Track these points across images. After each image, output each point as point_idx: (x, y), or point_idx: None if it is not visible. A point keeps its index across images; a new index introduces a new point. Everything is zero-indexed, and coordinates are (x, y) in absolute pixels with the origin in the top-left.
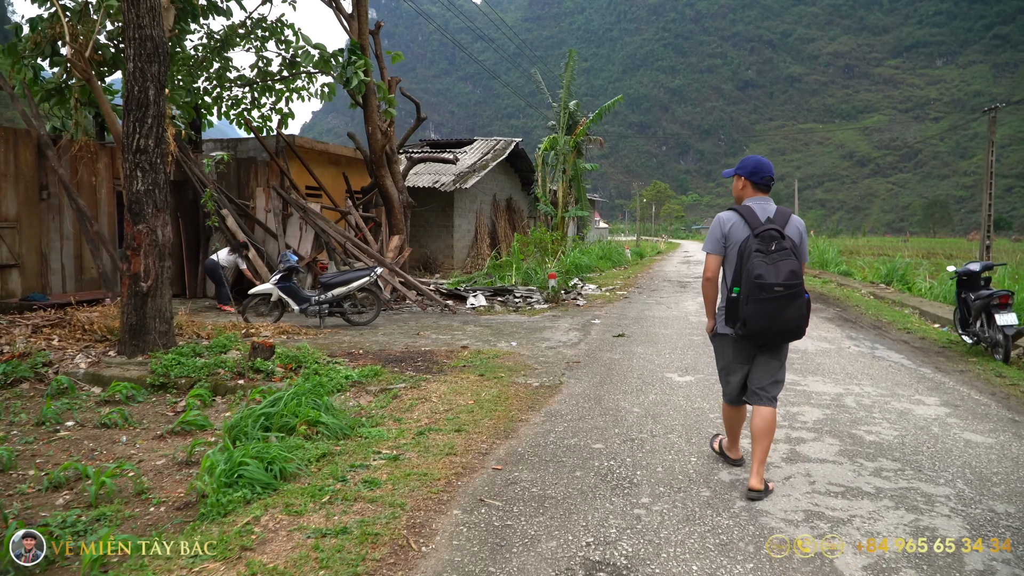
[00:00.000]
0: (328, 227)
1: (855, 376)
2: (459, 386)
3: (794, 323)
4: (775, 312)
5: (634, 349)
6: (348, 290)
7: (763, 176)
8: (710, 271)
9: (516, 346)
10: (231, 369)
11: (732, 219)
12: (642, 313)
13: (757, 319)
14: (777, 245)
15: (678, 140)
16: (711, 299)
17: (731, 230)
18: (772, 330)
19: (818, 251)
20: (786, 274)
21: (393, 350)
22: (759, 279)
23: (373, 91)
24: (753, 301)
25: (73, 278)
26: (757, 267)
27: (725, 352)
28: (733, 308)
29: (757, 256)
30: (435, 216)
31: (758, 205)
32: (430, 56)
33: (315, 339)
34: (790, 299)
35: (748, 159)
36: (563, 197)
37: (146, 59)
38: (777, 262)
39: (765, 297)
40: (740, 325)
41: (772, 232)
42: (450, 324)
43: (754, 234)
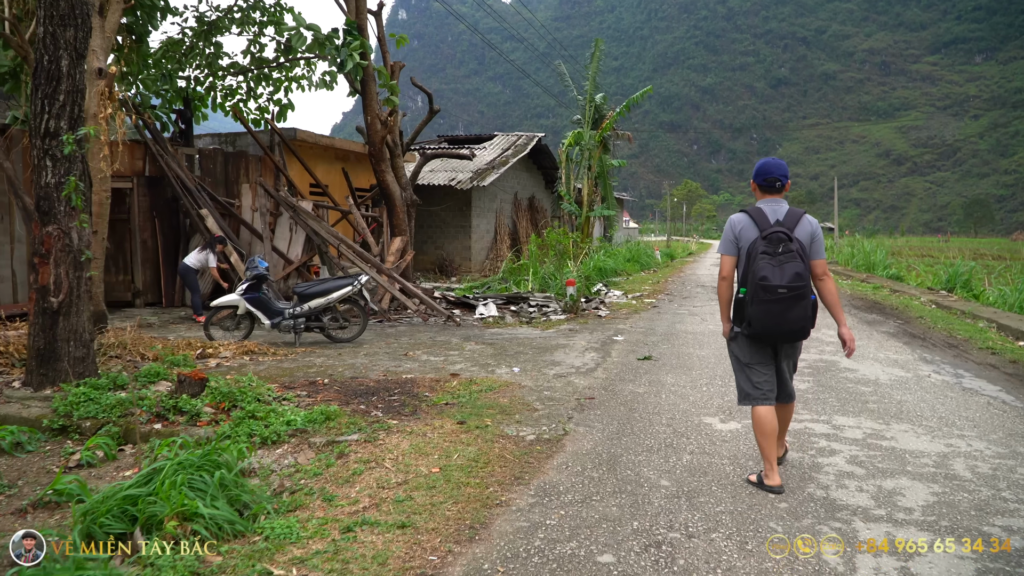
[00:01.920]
0: (320, 228)
1: (952, 422)
2: (427, 440)
3: (798, 324)
4: (779, 313)
5: (663, 378)
6: (327, 301)
7: (766, 178)
8: (725, 271)
9: (518, 373)
10: (149, 409)
11: (743, 221)
12: (672, 327)
13: (762, 320)
14: (784, 247)
15: (709, 139)
16: (726, 300)
17: (741, 231)
18: (777, 331)
19: (864, 253)
20: (791, 276)
21: (368, 378)
22: (764, 281)
23: (372, 76)
24: (758, 302)
25: (26, 286)
26: (762, 269)
27: (743, 352)
28: (740, 308)
29: (764, 258)
30: (452, 216)
31: (768, 207)
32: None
33: (281, 362)
34: (794, 301)
35: (759, 163)
36: (588, 195)
37: (59, 22)
38: (783, 264)
39: (769, 298)
40: (746, 325)
41: (780, 234)
42: (448, 340)
43: (762, 236)
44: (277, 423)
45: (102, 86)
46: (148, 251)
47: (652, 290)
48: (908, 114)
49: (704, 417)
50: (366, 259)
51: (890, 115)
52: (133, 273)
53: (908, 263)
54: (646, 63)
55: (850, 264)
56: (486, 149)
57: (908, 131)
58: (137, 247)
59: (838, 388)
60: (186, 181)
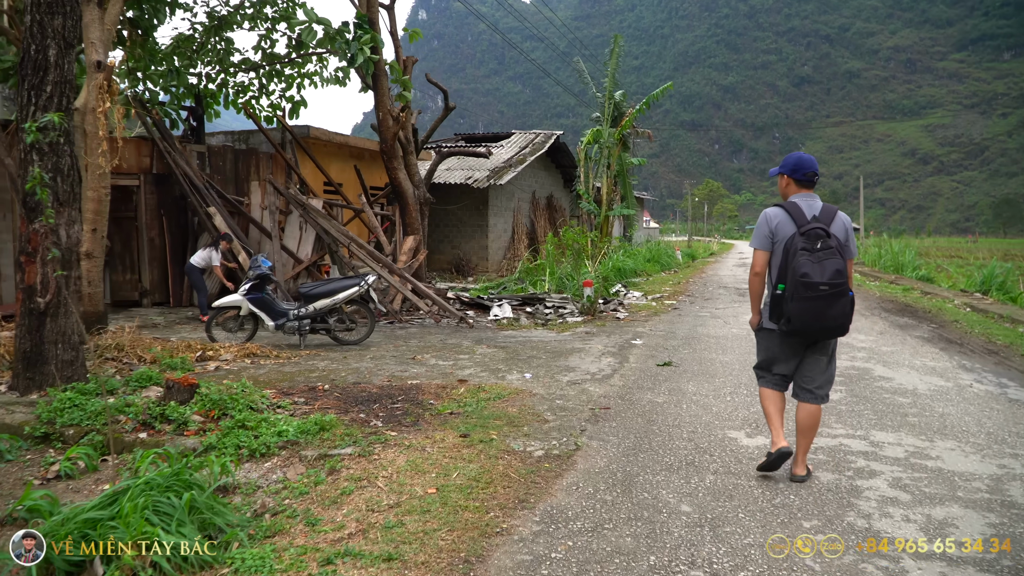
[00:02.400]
0: (331, 226)
1: (1002, 439)
2: (426, 456)
3: (838, 320)
4: (820, 310)
5: (684, 386)
6: (333, 302)
7: (805, 172)
8: (758, 266)
9: (530, 379)
10: (136, 416)
11: (779, 215)
12: (694, 330)
13: (802, 316)
14: (823, 244)
15: (731, 138)
16: (758, 294)
17: (778, 226)
18: (816, 327)
19: (892, 253)
20: (831, 273)
21: (372, 383)
22: (805, 277)
23: (383, 72)
24: (798, 299)
25: None
26: (803, 265)
27: (771, 347)
28: (778, 304)
29: (803, 254)
30: (468, 215)
31: (804, 202)
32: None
33: (283, 365)
34: (835, 298)
35: (790, 156)
36: (607, 194)
37: (46, 9)
38: (823, 260)
39: (810, 295)
40: (785, 321)
41: (818, 230)
42: (459, 343)
43: (800, 232)
44: (268, 434)
45: (100, 79)
46: (155, 250)
47: (673, 291)
48: (934, 112)
49: (729, 431)
50: (377, 258)
51: (916, 113)
52: (140, 272)
53: (937, 264)
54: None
55: (877, 265)
56: (503, 147)
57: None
58: (144, 246)
59: (874, 399)
60: (193, 178)
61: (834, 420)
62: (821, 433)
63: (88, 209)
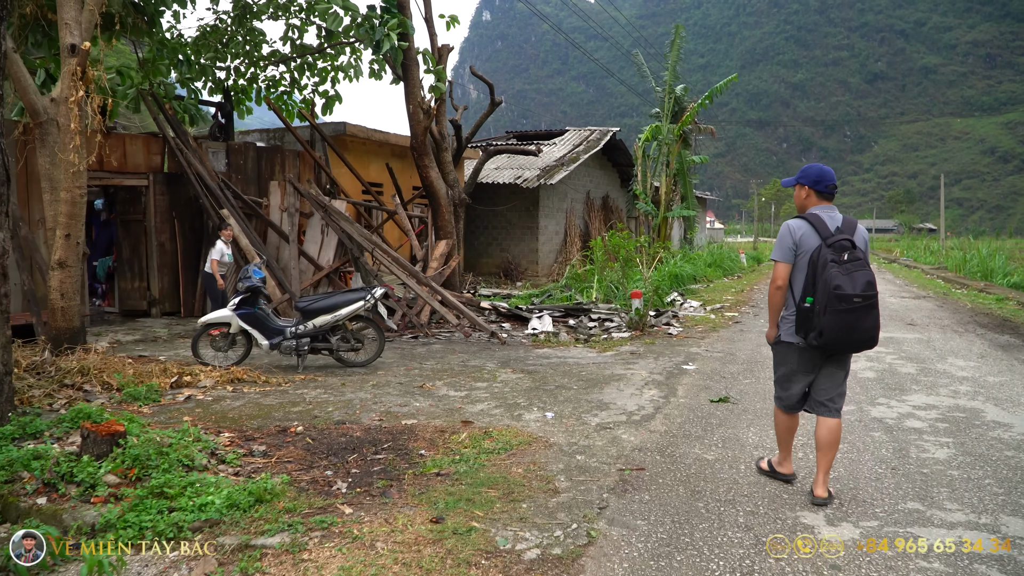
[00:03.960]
0: (353, 230)
1: None
2: (371, 559)
3: (870, 333)
4: (853, 323)
5: (743, 434)
6: (335, 319)
7: (827, 184)
8: (780, 279)
9: (551, 420)
10: (41, 474)
11: (802, 227)
12: (758, 351)
13: (835, 330)
14: (850, 255)
15: (800, 137)
16: (778, 308)
17: (802, 239)
18: (849, 340)
19: (980, 258)
20: (863, 284)
21: (359, 423)
22: (838, 290)
23: (414, 60)
24: (832, 312)
25: (20, 295)
26: (835, 278)
27: (789, 361)
28: (806, 318)
29: (832, 266)
30: (518, 216)
31: (825, 214)
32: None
33: (265, 395)
34: (868, 310)
35: (810, 168)
36: (666, 194)
37: None
38: (852, 272)
39: (844, 308)
40: (816, 335)
41: (844, 242)
42: (483, 366)
43: (826, 244)
44: (187, 507)
45: (74, 65)
46: (166, 255)
47: (735, 301)
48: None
49: (801, 512)
50: (403, 266)
51: (995, 110)
52: (149, 279)
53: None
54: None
55: (962, 271)
56: (556, 145)
57: (1015, 127)
58: (153, 251)
59: (994, 459)
60: (206, 178)
61: (945, 495)
62: (932, 520)
63: (62, 212)
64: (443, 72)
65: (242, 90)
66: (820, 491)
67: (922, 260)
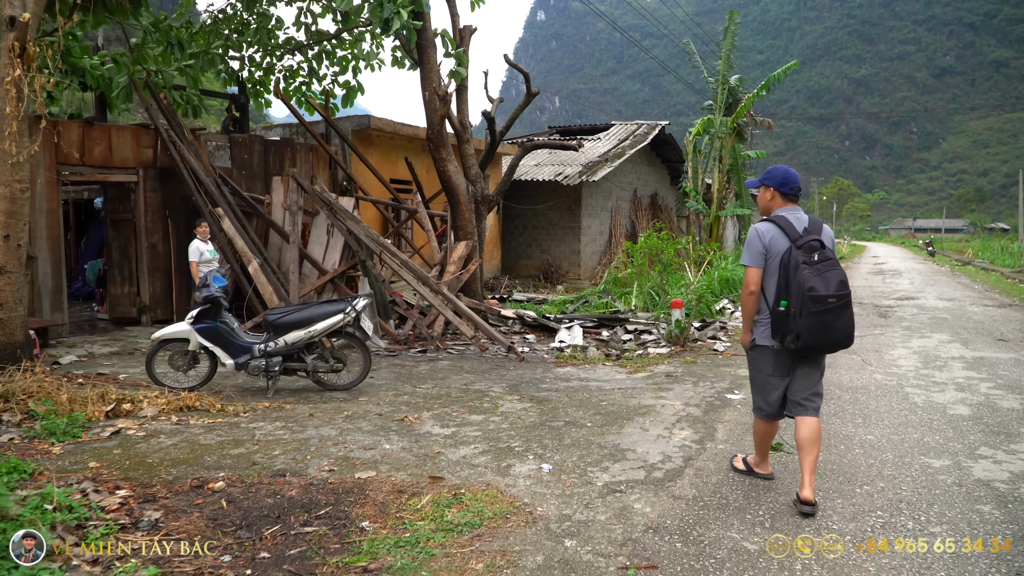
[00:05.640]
0: (360, 230)
1: None
2: None
3: (846, 332)
4: (829, 323)
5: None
6: (309, 335)
7: (792, 187)
8: (753, 284)
9: (547, 475)
10: None
11: (771, 230)
12: None
13: (811, 332)
14: (820, 255)
15: (863, 134)
16: (752, 313)
17: (771, 242)
18: (826, 341)
19: None
20: (836, 284)
21: (301, 476)
22: (812, 291)
23: (431, 42)
24: (807, 314)
25: None
26: (808, 279)
27: (764, 365)
28: (781, 322)
29: (804, 268)
30: (559, 216)
31: (792, 215)
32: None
33: (208, 431)
34: (842, 309)
35: (775, 169)
36: (718, 192)
37: None
38: (824, 273)
39: (819, 309)
40: (793, 338)
41: (813, 242)
42: (487, 390)
43: (796, 245)
44: None
45: (11, 40)
46: (158, 258)
47: None
48: None
49: None
50: (413, 270)
51: None
52: (139, 284)
53: None
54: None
55: None
56: (600, 140)
57: None
58: (143, 253)
59: None
60: (199, 173)
61: None
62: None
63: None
64: (464, 55)
65: (259, 82)
66: (807, 493)
67: (999, 262)
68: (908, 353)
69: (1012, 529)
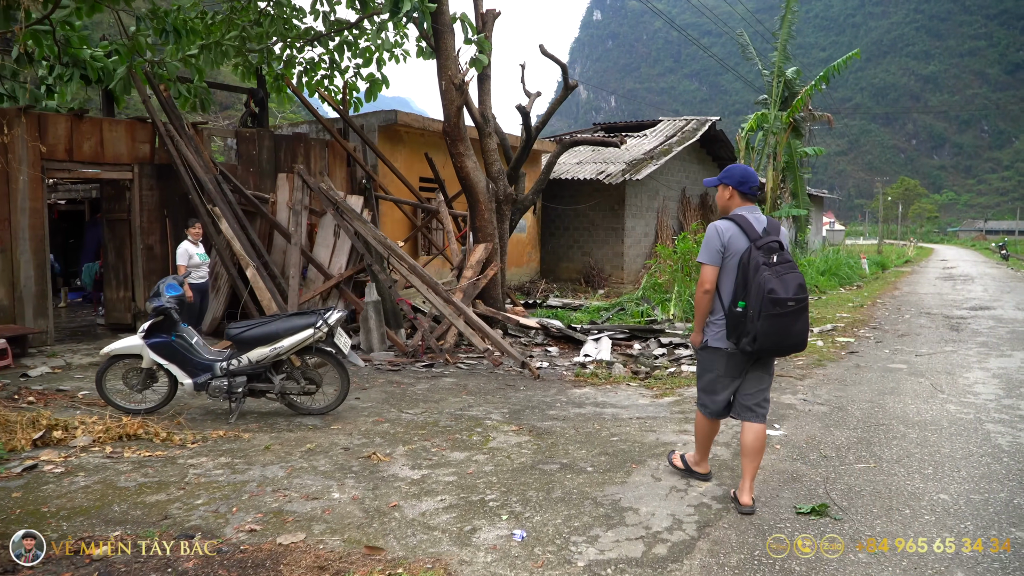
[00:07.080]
0: (367, 232)
1: None
2: None
3: (801, 336)
4: (786, 327)
5: None
6: (274, 352)
7: (751, 186)
8: (708, 283)
9: (516, 547)
10: None
11: (731, 229)
12: (879, 404)
13: (769, 334)
14: (779, 257)
15: (931, 132)
16: (706, 313)
17: (730, 240)
18: (782, 344)
19: None
20: (795, 287)
21: (213, 537)
22: (772, 294)
23: (448, 27)
24: (766, 316)
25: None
26: (768, 281)
27: (716, 366)
28: (738, 323)
29: (764, 269)
30: (601, 216)
31: (750, 215)
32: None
33: (143, 465)
34: (799, 313)
35: (734, 168)
36: (773, 191)
37: None
38: (782, 275)
39: (778, 312)
40: (750, 340)
41: (772, 243)
42: (482, 419)
43: (755, 246)
44: None
45: None
46: (154, 260)
47: (852, 320)
48: None
49: None
50: (422, 276)
51: None
52: (134, 288)
53: None
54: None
55: None
56: (647, 137)
57: None
58: (138, 255)
59: None
60: (197, 169)
61: None
62: None
63: None
64: (486, 41)
65: (279, 75)
66: (746, 499)
67: None
68: (986, 376)
69: None
